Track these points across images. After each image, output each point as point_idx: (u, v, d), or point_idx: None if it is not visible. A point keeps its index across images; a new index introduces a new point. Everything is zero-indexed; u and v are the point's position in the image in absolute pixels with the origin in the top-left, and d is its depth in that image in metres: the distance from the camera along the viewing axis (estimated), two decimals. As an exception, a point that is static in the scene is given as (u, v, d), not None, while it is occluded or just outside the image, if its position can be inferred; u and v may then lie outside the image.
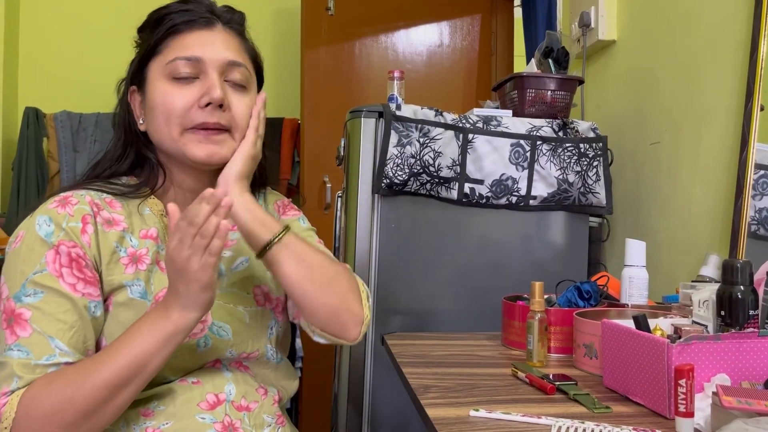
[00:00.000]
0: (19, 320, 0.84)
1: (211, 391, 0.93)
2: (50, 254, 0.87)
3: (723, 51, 1.47)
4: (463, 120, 1.63)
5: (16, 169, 3.21)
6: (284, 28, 3.31)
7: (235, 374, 0.97)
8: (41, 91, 3.39)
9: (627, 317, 1.05)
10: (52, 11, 3.44)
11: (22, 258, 0.88)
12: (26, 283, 0.86)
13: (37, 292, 0.86)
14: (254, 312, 1.01)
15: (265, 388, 1.00)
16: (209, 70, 0.94)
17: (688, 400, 0.72)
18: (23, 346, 0.83)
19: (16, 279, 0.86)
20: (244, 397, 0.96)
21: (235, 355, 0.98)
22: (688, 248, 1.56)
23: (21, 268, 0.87)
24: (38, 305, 0.85)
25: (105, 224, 0.92)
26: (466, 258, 1.67)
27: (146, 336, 0.83)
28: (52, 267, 0.87)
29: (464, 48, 2.98)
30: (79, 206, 0.91)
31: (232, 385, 0.96)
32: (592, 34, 2.01)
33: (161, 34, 0.95)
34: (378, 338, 1.58)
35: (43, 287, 0.86)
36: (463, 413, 0.83)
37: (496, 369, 1.07)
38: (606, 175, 1.69)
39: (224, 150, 0.95)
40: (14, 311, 0.85)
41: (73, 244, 0.89)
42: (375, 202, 1.62)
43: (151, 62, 0.96)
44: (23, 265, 0.87)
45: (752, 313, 0.89)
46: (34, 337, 0.84)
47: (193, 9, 0.96)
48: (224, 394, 0.94)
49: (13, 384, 0.82)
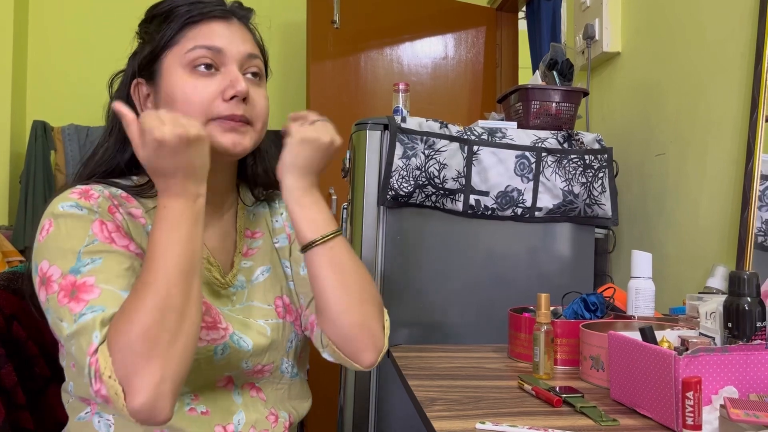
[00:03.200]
0: (84, 287, 0.80)
1: (220, 422, 0.92)
2: (95, 225, 0.85)
3: (728, 62, 1.47)
4: (468, 132, 1.63)
5: (24, 182, 3.23)
6: (290, 41, 3.33)
7: (245, 399, 0.96)
8: (49, 104, 3.42)
9: (634, 329, 1.05)
10: (60, 25, 3.47)
11: (65, 236, 0.84)
12: (80, 255, 0.82)
13: (95, 259, 0.82)
14: (275, 325, 0.99)
15: (275, 414, 0.98)
16: (230, 63, 0.93)
17: (695, 412, 0.71)
18: (96, 305, 0.79)
19: (67, 257, 0.82)
20: (253, 427, 0.94)
21: (250, 366, 0.95)
22: (695, 260, 1.55)
23: (68, 245, 0.83)
24: (100, 269, 0.81)
25: (128, 216, 0.91)
26: (472, 270, 1.67)
27: (183, 225, 0.81)
28: (101, 236, 0.84)
29: (469, 60, 2.99)
30: (102, 199, 0.89)
31: (242, 414, 0.94)
32: (596, 46, 2.01)
33: (178, 24, 0.92)
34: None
35: (100, 252, 0.83)
36: (469, 426, 0.83)
37: (503, 381, 1.07)
38: (611, 186, 1.69)
39: (246, 141, 0.94)
40: (75, 282, 0.80)
41: (112, 220, 0.87)
42: (380, 214, 1.62)
43: (164, 54, 0.93)
44: (69, 242, 0.83)
45: (759, 324, 0.88)
46: (104, 294, 0.80)
47: (206, 2, 0.95)
48: (232, 425, 0.92)
49: (96, 340, 0.77)
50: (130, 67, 0.96)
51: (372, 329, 0.95)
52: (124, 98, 0.95)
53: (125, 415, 0.75)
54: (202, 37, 0.92)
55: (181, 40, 0.92)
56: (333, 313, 0.93)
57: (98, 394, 0.75)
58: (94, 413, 0.90)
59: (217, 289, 0.96)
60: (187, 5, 0.93)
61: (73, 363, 0.89)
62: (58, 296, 0.80)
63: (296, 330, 1.03)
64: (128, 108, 0.83)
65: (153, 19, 0.96)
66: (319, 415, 2.64)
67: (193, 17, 0.93)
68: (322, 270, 0.93)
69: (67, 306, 0.79)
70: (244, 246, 1.03)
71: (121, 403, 0.74)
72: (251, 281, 1.00)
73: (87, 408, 0.91)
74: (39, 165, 3.24)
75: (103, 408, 0.90)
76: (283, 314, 1.01)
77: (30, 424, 0.98)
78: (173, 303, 0.77)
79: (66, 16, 3.48)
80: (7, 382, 0.94)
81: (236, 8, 0.98)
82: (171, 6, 0.94)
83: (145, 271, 0.79)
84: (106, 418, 0.90)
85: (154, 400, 0.74)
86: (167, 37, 0.92)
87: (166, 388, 0.75)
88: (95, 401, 0.90)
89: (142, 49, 0.96)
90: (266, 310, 0.99)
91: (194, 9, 0.93)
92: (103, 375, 0.74)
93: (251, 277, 1.01)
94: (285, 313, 1.01)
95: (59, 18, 3.48)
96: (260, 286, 1.01)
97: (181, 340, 0.77)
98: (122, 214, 0.89)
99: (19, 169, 3.32)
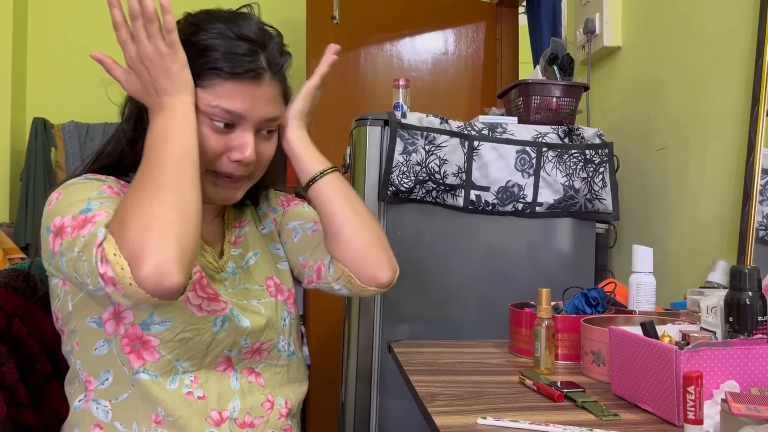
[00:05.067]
0: (92, 215, 0.82)
1: (215, 408, 0.93)
2: (104, 187, 0.89)
3: (728, 56, 1.47)
4: (468, 127, 1.63)
5: (25, 180, 3.24)
6: (290, 37, 3.32)
7: (243, 385, 0.97)
8: (49, 101, 3.41)
9: (635, 324, 1.05)
10: (60, 22, 3.47)
11: (75, 194, 0.87)
12: (90, 200, 0.85)
13: (104, 201, 0.85)
14: (269, 303, 1.02)
15: (272, 401, 1.00)
16: (247, 125, 0.92)
17: (697, 407, 0.71)
18: (101, 221, 0.81)
19: (77, 205, 0.84)
20: (248, 413, 0.96)
21: (249, 344, 0.98)
22: (696, 254, 1.55)
23: (78, 197, 0.85)
24: (109, 205, 0.84)
25: None
26: (473, 265, 1.67)
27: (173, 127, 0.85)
28: (110, 192, 0.88)
29: (469, 55, 2.99)
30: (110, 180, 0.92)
31: (237, 401, 0.96)
32: (597, 40, 2.01)
33: (207, 71, 0.90)
34: (385, 346, 1.58)
35: (108, 198, 0.86)
36: (471, 421, 0.83)
37: (504, 377, 1.07)
38: (612, 181, 1.69)
39: (239, 194, 0.99)
40: (86, 218, 0.82)
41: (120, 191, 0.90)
42: (381, 210, 1.62)
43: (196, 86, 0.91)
44: (79, 195, 0.86)
45: (761, 319, 0.88)
46: (110, 208, 0.83)
47: (245, 55, 0.90)
48: (227, 411, 0.94)
49: (101, 234, 0.79)
50: None
51: (385, 246, 1.02)
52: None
53: (133, 294, 0.75)
54: (227, 98, 0.90)
55: (207, 87, 0.90)
56: (348, 234, 0.99)
57: (104, 278, 0.76)
58: (90, 399, 0.92)
59: (211, 273, 0.99)
60: (223, 56, 0.89)
61: (77, 341, 0.93)
62: (72, 234, 0.81)
63: (288, 308, 1.06)
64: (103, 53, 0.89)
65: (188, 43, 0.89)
66: (320, 410, 2.65)
67: (223, 74, 0.90)
68: (334, 195, 1.00)
69: (78, 234, 0.81)
70: (232, 236, 1.07)
71: (129, 277, 0.75)
72: (241, 266, 1.04)
73: (82, 394, 0.93)
74: (39, 162, 3.24)
75: (100, 394, 0.92)
76: (274, 293, 1.05)
77: (32, 421, 0.98)
78: (166, 181, 0.81)
79: (66, 13, 3.48)
80: (9, 379, 0.94)
81: (272, 61, 0.94)
82: (207, 45, 0.90)
83: (141, 168, 0.83)
84: (104, 405, 0.92)
85: (159, 265, 0.75)
86: (194, 74, 0.89)
87: (170, 253, 0.76)
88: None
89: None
90: (258, 291, 1.03)
91: (227, 65, 0.89)
92: (107, 255, 0.76)
93: (241, 263, 1.04)
94: (276, 292, 1.05)
95: (59, 15, 3.47)
96: (250, 270, 1.04)
97: (177, 212, 0.79)
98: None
99: (19, 166, 3.32)
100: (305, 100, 1.04)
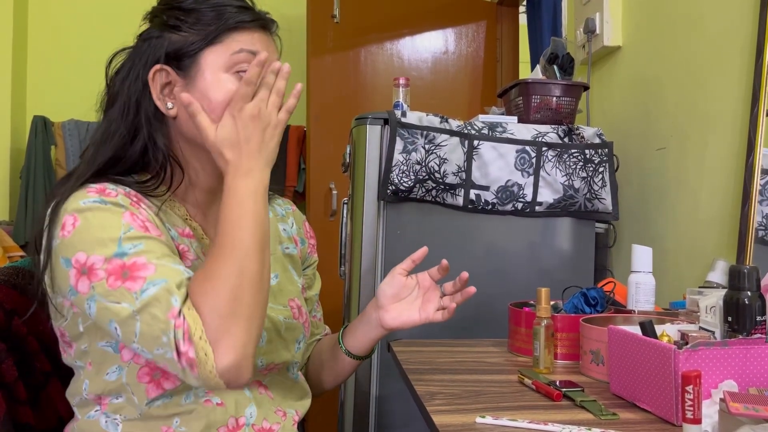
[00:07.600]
0: (135, 267, 0.79)
1: (233, 414, 0.93)
2: (126, 216, 0.84)
3: (728, 56, 1.47)
4: (468, 126, 1.63)
5: (25, 178, 3.24)
6: (290, 35, 3.32)
7: (255, 395, 0.97)
8: (49, 99, 3.41)
9: (634, 323, 1.05)
10: (60, 20, 3.47)
11: (98, 227, 0.82)
12: (121, 241, 0.81)
13: (137, 244, 0.81)
14: (290, 324, 1.02)
15: (283, 411, 1.00)
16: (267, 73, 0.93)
17: (695, 406, 0.71)
18: (155, 279, 0.78)
19: (107, 244, 0.81)
20: (265, 419, 0.96)
21: (264, 364, 0.97)
22: (695, 254, 1.55)
23: (105, 235, 0.81)
24: (145, 250, 0.81)
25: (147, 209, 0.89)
26: (472, 264, 1.66)
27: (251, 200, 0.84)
28: (136, 225, 0.83)
29: (469, 55, 2.98)
30: (120, 196, 0.86)
31: (254, 407, 0.95)
32: (597, 40, 2.01)
33: (227, 25, 0.91)
34: (384, 345, 1.58)
35: (139, 238, 0.82)
36: (470, 420, 0.83)
37: (503, 376, 1.07)
38: (612, 180, 1.69)
39: None
40: (125, 264, 0.79)
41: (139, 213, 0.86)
42: (381, 209, 1.62)
43: (206, 50, 0.91)
44: (105, 232, 0.82)
45: (759, 319, 0.88)
46: (160, 269, 0.79)
47: (253, 8, 0.96)
48: (244, 417, 0.94)
49: (176, 303, 0.77)
50: (152, 51, 0.92)
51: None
52: (137, 80, 0.92)
53: (209, 380, 0.75)
54: (248, 42, 0.92)
55: (226, 40, 0.91)
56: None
57: (183, 357, 0.75)
58: (102, 413, 0.91)
59: None
60: (236, 8, 0.93)
61: (89, 362, 0.90)
62: (108, 281, 0.79)
63: (305, 332, 1.06)
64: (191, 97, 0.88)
65: (192, 11, 0.92)
66: (319, 410, 2.64)
67: (243, 22, 0.92)
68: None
69: (122, 287, 0.78)
70: None
71: (211, 365, 0.75)
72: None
73: (96, 407, 0.91)
74: (39, 160, 3.24)
75: (113, 409, 0.90)
76: (296, 315, 1.04)
77: (31, 419, 0.98)
78: (252, 267, 0.80)
79: (66, 11, 3.48)
80: (8, 377, 0.94)
81: (270, 21, 0.99)
82: (218, 3, 0.93)
83: (221, 238, 0.82)
84: (113, 418, 0.90)
85: (240, 360, 0.76)
86: (212, 35, 0.91)
87: (250, 350, 0.77)
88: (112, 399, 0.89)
89: (170, 36, 0.92)
90: (282, 309, 1.02)
91: (244, 14, 0.93)
92: (193, 336, 0.75)
93: None
94: (298, 314, 1.05)
95: (59, 13, 3.47)
96: (272, 290, 1.02)
97: (260, 304, 0.80)
98: (144, 208, 0.88)
99: (19, 164, 3.32)
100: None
